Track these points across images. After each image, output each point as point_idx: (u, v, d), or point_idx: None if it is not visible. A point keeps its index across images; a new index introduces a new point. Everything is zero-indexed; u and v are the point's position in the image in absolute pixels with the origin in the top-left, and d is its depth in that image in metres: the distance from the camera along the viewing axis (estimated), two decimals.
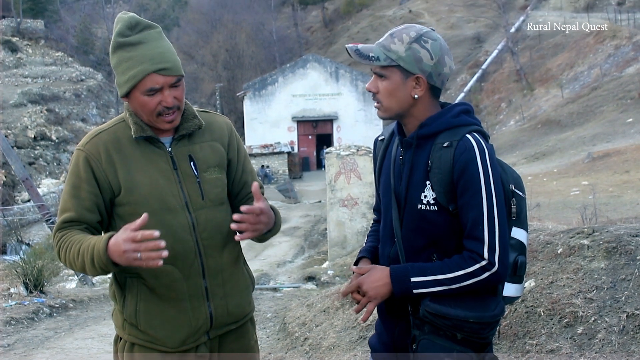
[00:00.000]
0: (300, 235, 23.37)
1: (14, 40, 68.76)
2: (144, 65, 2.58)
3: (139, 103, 2.64)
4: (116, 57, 2.64)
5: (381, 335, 2.76)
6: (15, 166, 14.40)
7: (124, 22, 2.64)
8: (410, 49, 2.48)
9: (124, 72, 2.62)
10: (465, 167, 2.39)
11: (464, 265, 2.39)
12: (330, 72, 50.63)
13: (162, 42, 2.68)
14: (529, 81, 50.43)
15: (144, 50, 2.61)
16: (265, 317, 8.67)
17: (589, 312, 4.14)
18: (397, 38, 2.51)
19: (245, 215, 2.55)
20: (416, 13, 74.31)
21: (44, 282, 10.12)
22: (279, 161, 46.98)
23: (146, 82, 2.59)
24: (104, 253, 2.43)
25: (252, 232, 2.60)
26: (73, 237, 2.59)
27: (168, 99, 2.62)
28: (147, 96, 2.61)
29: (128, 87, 2.62)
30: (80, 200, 2.64)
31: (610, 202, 15.37)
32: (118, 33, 2.64)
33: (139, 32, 2.64)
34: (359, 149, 15.39)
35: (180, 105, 2.70)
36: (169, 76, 2.62)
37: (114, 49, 2.65)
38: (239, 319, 2.87)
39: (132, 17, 2.66)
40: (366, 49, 2.53)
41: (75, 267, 2.61)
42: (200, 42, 75.99)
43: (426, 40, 2.50)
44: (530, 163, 30.98)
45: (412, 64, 2.48)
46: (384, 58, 2.50)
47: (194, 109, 2.83)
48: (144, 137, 2.70)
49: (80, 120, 55.55)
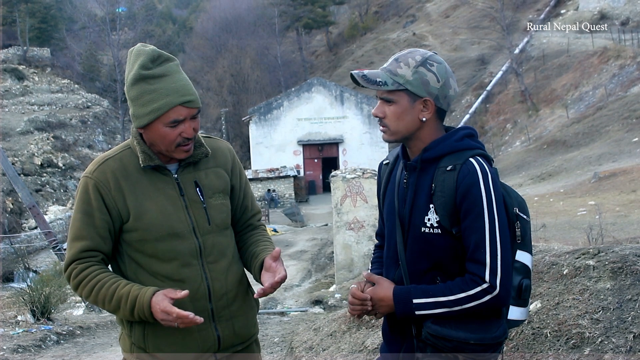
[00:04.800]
0: (307, 258, 23.32)
1: (21, 68, 69.30)
2: (170, 97, 2.62)
3: (159, 134, 2.67)
4: (137, 89, 2.65)
5: (386, 357, 2.76)
6: (22, 193, 14.45)
7: (146, 55, 2.66)
8: (417, 73, 2.51)
9: (145, 104, 2.64)
10: (468, 191, 2.41)
11: (465, 288, 2.40)
12: (335, 96, 50.73)
13: (182, 75, 2.73)
14: (534, 102, 50.43)
15: (168, 83, 2.64)
16: (272, 342, 8.64)
17: (595, 333, 4.12)
18: (403, 62, 2.54)
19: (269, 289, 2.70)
20: (420, 36, 74.53)
21: (51, 309, 10.11)
22: (285, 185, 46.98)
23: (170, 114, 2.63)
24: (147, 308, 2.55)
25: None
26: (99, 275, 2.66)
27: (189, 130, 2.67)
28: (169, 127, 2.65)
29: (150, 119, 2.64)
30: (95, 228, 2.67)
31: (617, 221, 15.32)
32: (141, 65, 2.65)
33: (160, 64, 2.68)
34: (365, 171, 15.38)
35: (197, 135, 2.76)
36: (192, 108, 2.67)
37: (135, 80, 2.65)
38: (245, 340, 2.91)
39: (154, 50, 2.69)
40: (373, 75, 2.55)
41: (102, 306, 2.68)
42: (206, 67, 76.33)
43: (432, 64, 2.53)
44: (537, 184, 30.92)
45: (419, 88, 2.51)
46: (392, 83, 2.52)
47: (199, 136, 2.87)
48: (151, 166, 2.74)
49: (86, 147, 55.74)
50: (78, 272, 2.66)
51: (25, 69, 70.20)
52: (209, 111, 68.48)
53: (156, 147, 2.73)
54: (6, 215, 37.15)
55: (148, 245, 2.68)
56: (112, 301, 2.60)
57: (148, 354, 2.74)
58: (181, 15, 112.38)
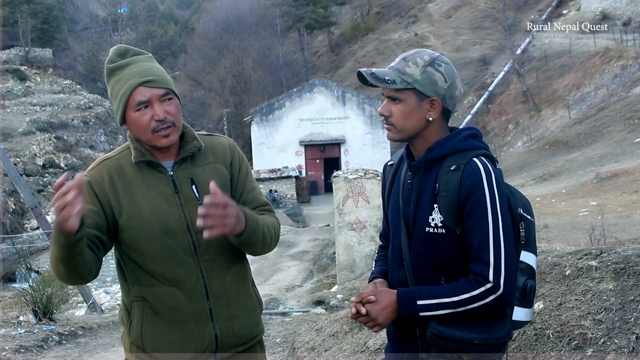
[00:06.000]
0: (309, 259, 23.32)
1: (23, 69, 69.33)
2: (131, 80, 2.63)
3: (134, 123, 2.67)
4: (110, 86, 2.71)
5: (390, 358, 2.76)
6: (24, 194, 14.45)
7: (113, 51, 2.73)
8: (425, 72, 2.52)
9: (116, 96, 2.67)
10: (472, 191, 2.41)
11: (469, 289, 2.40)
12: (337, 96, 50.70)
13: (150, 63, 2.73)
14: (535, 102, 50.41)
15: (131, 70, 2.67)
16: (274, 342, 8.65)
17: (598, 333, 4.11)
18: (411, 62, 2.55)
19: (211, 209, 2.44)
20: (422, 36, 74.51)
21: (53, 309, 10.12)
22: (287, 185, 46.96)
23: (134, 96, 2.63)
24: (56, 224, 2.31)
25: (221, 227, 2.48)
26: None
27: (158, 111, 2.64)
28: (138, 112, 2.64)
29: (122, 109, 2.65)
30: None
31: (619, 222, 15.31)
32: (108, 60, 2.71)
33: (128, 57, 2.71)
34: (367, 172, 15.40)
35: (176, 122, 2.71)
36: (155, 88, 2.66)
37: (106, 77, 2.72)
38: (246, 341, 2.87)
39: (122, 45, 2.76)
40: (381, 73, 2.55)
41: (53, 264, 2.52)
42: (207, 68, 76.30)
43: (440, 64, 2.55)
44: (539, 184, 30.90)
45: (427, 87, 2.52)
46: (400, 81, 2.52)
47: (194, 131, 2.86)
48: (144, 162, 2.73)
49: (88, 148, 55.75)
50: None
51: (27, 70, 70.24)
52: (211, 112, 68.49)
53: (141, 140, 2.72)
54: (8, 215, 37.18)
55: (143, 244, 2.67)
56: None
57: (147, 354, 2.73)
58: (183, 16, 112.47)
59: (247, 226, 2.62)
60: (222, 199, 2.46)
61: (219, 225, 2.46)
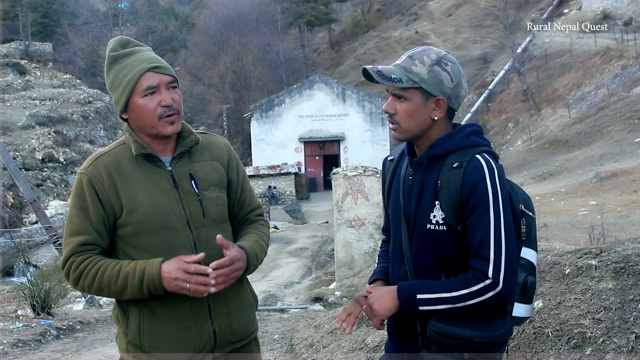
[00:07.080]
0: (308, 256, 23.31)
1: (23, 63, 69.20)
2: (140, 66, 2.65)
3: (139, 109, 2.67)
4: (112, 74, 2.71)
5: (391, 356, 2.75)
6: (23, 188, 14.44)
7: (115, 41, 2.75)
8: (432, 71, 2.51)
9: (120, 83, 2.67)
10: (475, 187, 2.41)
11: (468, 284, 2.39)
12: (337, 93, 50.69)
13: (153, 53, 2.76)
14: (535, 101, 50.41)
15: (136, 57, 2.69)
16: (272, 339, 8.64)
17: (597, 332, 4.11)
18: (418, 60, 2.54)
19: (220, 271, 2.55)
20: (422, 34, 74.49)
21: (51, 304, 10.10)
22: (286, 182, 46.92)
23: (142, 81, 2.64)
24: (157, 276, 2.51)
25: (230, 282, 2.63)
26: (101, 261, 2.62)
27: (165, 97, 2.66)
28: (145, 97, 2.65)
29: (127, 95, 2.66)
30: (91, 222, 2.64)
31: (618, 222, 15.31)
32: (110, 50, 2.72)
33: (130, 47, 2.74)
34: (366, 169, 15.39)
35: (180, 111, 2.74)
36: (164, 74, 2.68)
37: (108, 66, 2.72)
38: (244, 337, 2.87)
39: (124, 37, 2.78)
40: (387, 71, 2.54)
41: (107, 290, 2.61)
42: (208, 63, 76.21)
43: (446, 63, 2.54)
44: (538, 183, 30.91)
45: (433, 86, 2.51)
46: (406, 80, 2.51)
47: (190, 127, 2.87)
48: (144, 156, 2.73)
49: (88, 142, 55.67)
50: (78, 264, 2.62)
51: (27, 64, 70.10)
52: (211, 107, 68.42)
53: (143, 129, 2.72)
54: (7, 209, 37.15)
55: (142, 239, 2.65)
56: (118, 281, 2.56)
57: (145, 354, 2.71)
58: (183, 11, 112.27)
59: (249, 264, 2.75)
60: (228, 259, 2.58)
61: (228, 282, 2.61)
